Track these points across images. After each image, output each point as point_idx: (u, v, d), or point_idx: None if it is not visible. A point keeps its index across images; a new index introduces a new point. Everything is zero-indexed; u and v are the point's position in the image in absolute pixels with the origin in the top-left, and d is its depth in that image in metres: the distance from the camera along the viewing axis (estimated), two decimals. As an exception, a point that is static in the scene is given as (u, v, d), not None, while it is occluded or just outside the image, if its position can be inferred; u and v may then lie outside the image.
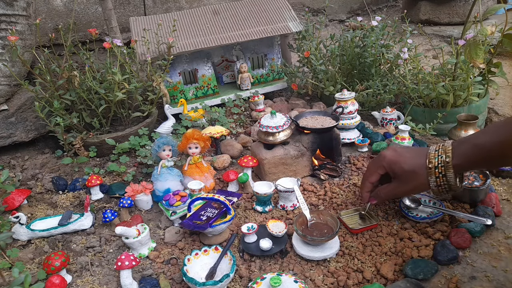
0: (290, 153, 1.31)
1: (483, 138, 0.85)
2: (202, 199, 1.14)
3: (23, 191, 1.34)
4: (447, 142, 0.92)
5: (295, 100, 1.98)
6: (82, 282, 1.01)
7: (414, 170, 0.93)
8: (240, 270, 0.99)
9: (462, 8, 2.91)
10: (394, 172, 0.98)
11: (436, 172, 0.90)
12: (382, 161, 0.99)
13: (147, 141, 1.56)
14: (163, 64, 1.73)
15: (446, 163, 0.89)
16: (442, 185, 0.91)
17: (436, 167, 0.90)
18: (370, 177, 1.04)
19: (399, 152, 0.98)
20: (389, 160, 0.98)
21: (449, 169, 0.89)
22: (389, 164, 0.98)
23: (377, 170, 1.02)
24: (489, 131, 0.86)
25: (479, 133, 0.89)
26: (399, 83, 1.75)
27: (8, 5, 1.59)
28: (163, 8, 2.91)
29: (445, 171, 0.89)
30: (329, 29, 3.46)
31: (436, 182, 0.91)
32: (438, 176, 0.90)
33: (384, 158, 0.99)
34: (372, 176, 1.03)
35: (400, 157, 0.96)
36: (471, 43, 1.47)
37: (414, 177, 0.94)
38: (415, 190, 0.99)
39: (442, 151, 0.91)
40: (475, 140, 0.87)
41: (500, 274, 0.89)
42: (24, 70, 1.73)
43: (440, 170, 0.90)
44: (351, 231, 1.08)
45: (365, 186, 1.06)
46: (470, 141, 0.88)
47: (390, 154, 0.98)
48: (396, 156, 0.97)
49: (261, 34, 1.91)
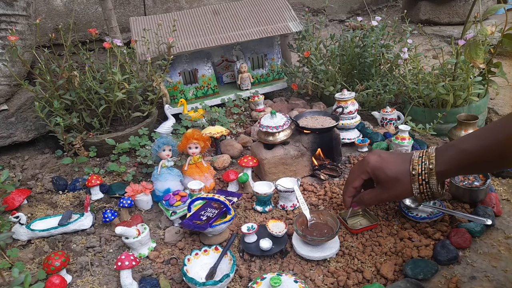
0: (290, 153, 1.31)
1: (467, 143, 0.84)
2: (202, 199, 1.14)
3: (23, 191, 1.34)
4: (430, 149, 0.91)
5: (295, 100, 1.98)
6: (82, 282, 1.01)
7: (397, 176, 0.92)
8: (240, 270, 0.99)
9: (462, 8, 2.90)
10: (377, 178, 0.96)
11: (419, 179, 0.89)
12: (366, 167, 0.97)
13: (147, 141, 1.56)
14: (163, 64, 1.73)
15: (429, 170, 0.88)
16: (425, 192, 0.90)
17: (419, 174, 0.89)
18: (353, 182, 1.01)
19: (383, 158, 0.96)
20: (373, 166, 0.96)
21: (432, 176, 0.88)
22: (373, 170, 0.96)
23: (361, 175, 0.99)
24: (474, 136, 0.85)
25: (463, 137, 0.88)
26: (399, 83, 1.75)
27: (8, 5, 1.59)
28: (163, 8, 2.91)
29: (428, 178, 0.88)
30: (329, 29, 3.46)
31: (419, 189, 0.90)
32: (421, 183, 0.89)
33: (368, 164, 0.97)
34: (355, 181, 1.01)
35: (384, 163, 0.95)
36: (471, 43, 1.47)
37: (397, 183, 0.92)
38: (399, 196, 0.98)
39: (425, 157, 0.89)
40: (462, 145, 0.85)
41: (500, 274, 0.89)
42: (24, 70, 1.73)
43: (424, 177, 0.89)
44: (351, 231, 1.08)
45: (348, 191, 1.03)
46: (456, 146, 0.87)
47: (374, 159, 0.96)
48: (380, 161, 0.95)
49: (261, 34, 1.91)
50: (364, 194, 1.01)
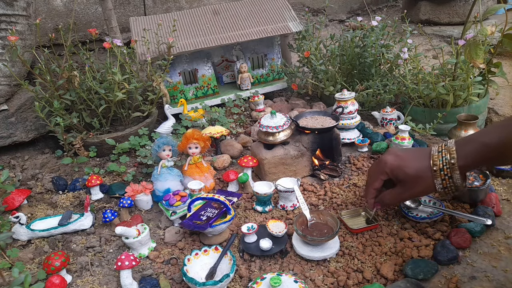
0: (290, 153, 1.31)
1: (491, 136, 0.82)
2: (202, 199, 1.14)
3: (23, 191, 1.34)
4: (449, 142, 0.89)
5: (295, 100, 1.98)
6: (82, 282, 1.01)
7: (418, 174, 0.90)
8: (240, 270, 0.99)
9: (462, 8, 2.90)
10: (397, 178, 0.94)
11: (441, 174, 0.87)
12: (384, 167, 0.95)
13: (147, 141, 1.56)
14: (163, 64, 1.73)
15: (451, 164, 0.86)
16: (448, 187, 0.88)
17: (441, 169, 0.87)
18: (373, 183, 1.00)
19: (401, 156, 0.94)
20: (391, 166, 0.94)
21: (455, 170, 0.86)
22: (391, 170, 0.94)
23: (380, 176, 0.98)
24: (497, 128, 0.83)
25: (485, 131, 0.86)
26: (399, 83, 1.75)
27: (8, 5, 1.59)
28: (163, 8, 2.91)
29: (451, 173, 0.86)
30: (329, 29, 3.45)
31: (442, 185, 0.88)
32: (444, 179, 0.87)
33: (385, 164, 0.95)
34: (375, 183, 0.99)
35: (402, 162, 0.93)
36: (471, 43, 1.47)
37: (419, 181, 0.90)
38: (422, 193, 0.95)
39: (445, 152, 0.87)
40: (483, 139, 0.83)
41: (500, 274, 0.89)
42: (24, 70, 1.73)
43: (446, 172, 0.87)
44: (351, 231, 1.08)
45: (369, 193, 1.02)
46: (477, 140, 0.85)
47: (392, 159, 0.95)
48: (398, 160, 0.94)
49: (261, 34, 1.91)
50: (385, 195, 0.99)
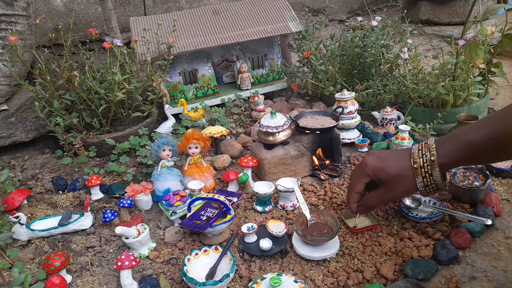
0: (290, 153, 1.31)
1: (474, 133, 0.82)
2: (202, 199, 1.14)
3: (23, 191, 1.34)
4: (429, 140, 0.89)
5: (295, 100, 1.98)
6: (82, 282, 1.01)
7: (399, 173, 0.90)
8: (240, 270, 0.99)
9: (462, 8, 2.90)
10: (380, 179, 0.93)
11: (422, 172, 0.87)
12: (366, 169, 0.95)
13: (147, 141, 1.56)
14: (163, 64, 1.73)
15: (431, 161, 0.86)
16: (429, 185, 0.88)
17: (422, 167, 0.87)
18: (355, 187, 0.99)
19: (382, 157, 0.94)
20: (372, 167, 0.93)
21: (435, 167, 0.86)
22: (373, 171, 0.93)
23: (362, 179, 0.97)
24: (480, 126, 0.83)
25: (468, 128, 0.85)
26: (399, 83, 1.75)
27: (8, 5, 1.59)
28: (163, 8, 2.91)
29: (431, 170, 0.87)
30: (329, 29, 3.45)
31: (423, 183, 0.88)
32: (424, 176, 0.88)
33: (366, 166, 0.94)
34: (357, 186, 0.98)
35: (383, 162, 0.92)
36: (471, 43, 1.47)
37: (401, 180, 0.90)
38: (404, 193, 0.96)
39: (425, 149, 0.88)
40: (466, 136, 0.83)
41: (500, 274, 0.89)
42: (24, 70, 1.73)
43: (426, 169, 0.87)
44: (351, 230, 1.08)
45: (352, 197, 1.00)
46: (458, 137, 0.85)
47: (373, 160, 0.94)
48: (379, 161, 0.93)
49: (261, 34, 1.90)
50: (368, 197, 0.99)
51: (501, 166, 1.25)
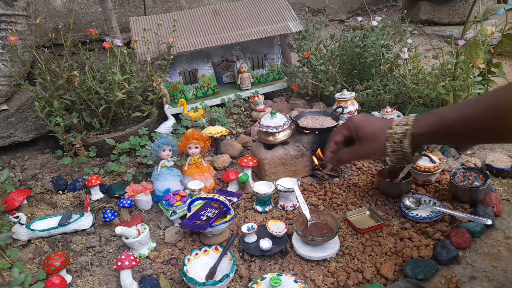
0: (290, 153, 1.31)
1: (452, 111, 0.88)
2: (202, 199, 1.14)
3: (23, 191, 1.34)
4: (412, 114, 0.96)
5: (295, 100, 1.98)
6: (82, 282, 1.01)
7: (375, 133, 0.98)
8: (240, 270, 0.99)
9: (462, 8, 2.90)
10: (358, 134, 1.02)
11: (394, 137, 0.94)
12: (349, 123, 1.04)
13: (147, 141, 1.56)
14: (163, 64, 1.73)
15: (405, 129, 0.93)
16: (397, 151, 0.95)
17: (396, 133, 0.94)
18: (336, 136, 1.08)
19: (368, 118, 1.03)
20: (355, 123, 1.02)
21: (407, 135, 0.92)
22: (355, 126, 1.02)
23: (343, 131, 1.06)
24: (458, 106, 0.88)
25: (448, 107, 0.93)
26: (399, 83, 1.75)
27: (8, 5, 1.59)
28: (163, 8, 2.91)
29: (403, 138, 0.93)
30: (329, 29, 3.45)
31: (392, 148, 0.95)
32: (395, 142, 0.94)
33: (351, 120, 1.04)
34: (338, 136, 1.07)
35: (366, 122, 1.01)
36: (471, 43, 1.47)
37: (373, 139, 0.98)
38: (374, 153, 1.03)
39: (405, 120, 0.95)
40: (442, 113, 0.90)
41: (500, 274, 0.89)
42: (24, 70, 1.73)
43: (399, 136, 0.94)
44: (358, 231, 1.08)
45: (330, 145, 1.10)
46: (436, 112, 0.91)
47: (359, 118, 1.03)
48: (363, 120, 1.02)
49: (261, 34, 1.90)
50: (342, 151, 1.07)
51: (501, 166, 1.25)
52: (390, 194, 1.21)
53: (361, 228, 1.07)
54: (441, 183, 1.25)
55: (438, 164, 1.24)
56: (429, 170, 1.22)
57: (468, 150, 1.43)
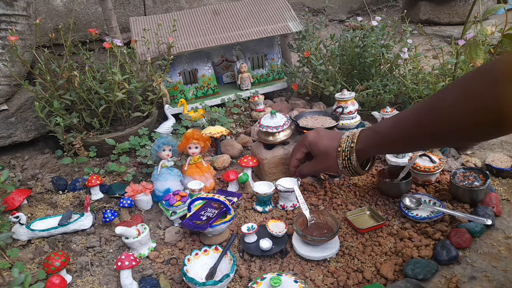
0: (290, 153, 1.31)
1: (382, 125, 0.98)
2: (202, 199, 1.14)
3: (23, 191, 1.34)
4: (357, 130, 1.04)
5: (295, 100, 1.98)
6: (82, 282, 1.01)
7: (327, 151, 1.07)
8: (240, 270, 0.99)
9: (462, 8, 2.90)
10: (313, 151, 1.12)
11: (343, 155, 1.03)
12: (305, 141, 1.13)
13: (147, 141, 1.56)
14: (163, 64, 1.73)
15: (351, 147, 1.02)
16: (347, 167, 1.04)
17: (343, 151, 1.03)
18: (296, 154, 1.18)
19: (320, 135, 1.11)
20: (309, 141, 1.12)
21: (352, 153, 1.02)
22: (309, 144, 1.12)
23: (301, 149, 1.16)
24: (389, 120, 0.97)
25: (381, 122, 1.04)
26: (399, 83, 1.75)
27: (8, 5, 1.59)
28: (163, 8, 2.91)
29: (350, 155, 1.02)
30: (329, 29, 3.46)
31: (343, 164, 1.05)
32: (344, 159, 1.03)
33: (306, 138, 1.13)
34: (297, 153, 1.17)
35: (319, 139, 1.10)
36: (471, 43, 1.47)
37: (327, 157, 1.07)
38: (328, 168, 1.12)
39: (351, 136, 1.03)
40: (376, 128, 1.00)
41: (500, 274, 0.89)
42: (24, 70, 1.73)
43: (346, 153, 1.03)
44: (358, 231, 1.08)
45: (292, 162, 1.20)
46: (372, 128, 1.01)
47: (312, 135, 1.12)
48: (316, 138, 1.11)
49: (261, 34, 1.91)
50: (303, 166, 1.17)
51: (501, 166, 1.25)
52: (390, 194, 1.21)
53: (361, 228, 1.07)
54: (441, 183, 1.25)
55: (438, 164, 1.24)
56: (429, 170, 1.22)
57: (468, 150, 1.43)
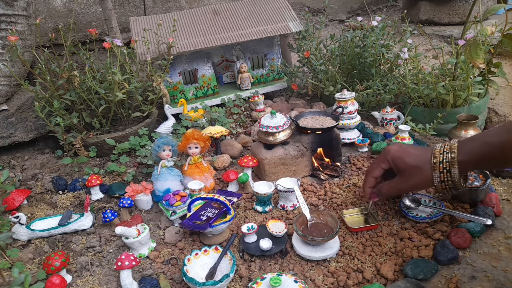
0: (290, 153, 1.31)
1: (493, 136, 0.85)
2: (202, 199, 1.14)
3: (23, 191, 1.34)
4: (453, 141, 0.91)
5: (295, 100, 1.98)
6: (82, 282, 1.01)
7: (418, 165, 0.92)
8: (240, 270, 0.99)
9: (462, 8, 2.90)
10: (397, 167, 0.95)
11: (440, 167, 0.89)
12: (387, 155, 0.97)
13: (147, 141, 1.56)
14: (163, 64, 1.73)
15: (451, 158, 0.88)
16: (446, 181, 0.89)
17: (441, 162, 0.89)
18: (373, 171, 1.01)
19: (404, 148, 0.96)
20: (393, 155, 0.96)
21: (454, 164, 0.88)
22: (393, 159, 0.96)
23: (381, 165, 0.99)
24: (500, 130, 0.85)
25: (488, 132, 0.88)
26: (399, 83, 1.75)
27: (8, 5, 1.59)
28: (163, 8, 2.91)
29: (450, 167, 0.88)
30: (329, 29, 3.45)
31: (440, 178, 0.90)
32: (442, 172, 0.89)
33: (388, 152, 0.97)
34: (375, 171, 1.00)
35: (405, 152, 0.95)
36: (471, 43, 1.47)
37: (417, 172, 0.92)
38: (418, 186, 0.97)
39: (447, 147, 0.90)
40: (485, 138, 0.86)
41: (500, 274, 0.89)
42: (24, 70, 1.73)
43: (445, 165, 0.88)
44: (350, 229, 1.08)
45: (368, 181, 1.02)
46: (479, 139, 0.87)
47: (395, 149, 0.97)
48: (401, 151, 0.96)
49: (261, 34, 1.91)
50: (383, 184, 1.00)
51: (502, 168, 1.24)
52: (390, 194, 1.21)
53: (353, 227, 1.07)
54: (441, 183, 1.25)
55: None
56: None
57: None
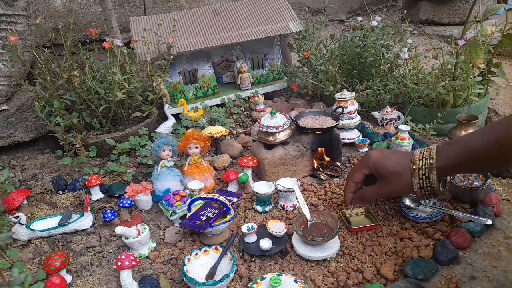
0: (290, 153, 1.31)
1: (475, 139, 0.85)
2: (202, 199, 1.14)
3: (23, 191, 1.34)
4: (432, 146, 0.92)
5: (295, 100, 1.98)
6: (82, 282, 1.01)
7: (398, 171, 0.93)
8: (240, 270, 0.99)
9: (462, 8, 2.91)
10: (378, 173, 0.96)
11: (419, 173, 0.90)
12: (367, 161, 0.98)
13: (147, 141, 1.56)
14: (163, 64, 1.73)
15: (430, 165, 0.89)
16: (425, 187, 0.91)
17: (420, 169, 0.90)
18: (354, 177, 1.01)
19: (385, 154, 0.97)
20: (374, 161, 0.96)
21: (432, 171, 0.88)
22: (374, 164, 0.96)
23: (362, 170, 1.00)
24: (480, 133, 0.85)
25: (470, 135, 0.88)
26: (399, 83, 1.75)
27: (8, 5, 1.59)
28: (163, 8, 2.91)
29: (429, 173, 0.89)
30: (329, 29, 3.46)
31: (419, 184, 0.91)
32: (421, 178, 0.90)
33: (369, 158, 0.97)
34: (357, 176, 1.01)
35: (386, 159, 0.95)
36: (471, 43, 1.47)
37: (398, 178, 0.93)
38: (399, 191, 0.98)
39: (426, 153, 0.90)
40: (465, 142, 0.86)
41: (500, 274, 0.89)
42: (24, 70, 1.73)
43: (424, 171, 0.89)
44: (351, 230, 1.08)
45: (349, 186, 1.03)
46: (459, 142, 0.87)
47: (376, 154, 0.97)
48: (381, 157, 0.96)
49: (261, 34, 1.91)
50: (364, 190, 1.01)
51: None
52: (390, 194, 1.21)
53: (352, 227, 1.07)
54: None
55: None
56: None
57: None
